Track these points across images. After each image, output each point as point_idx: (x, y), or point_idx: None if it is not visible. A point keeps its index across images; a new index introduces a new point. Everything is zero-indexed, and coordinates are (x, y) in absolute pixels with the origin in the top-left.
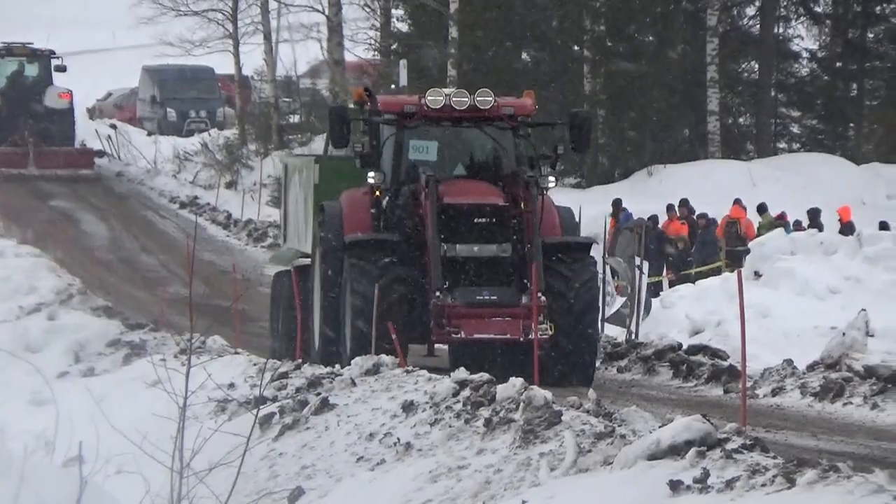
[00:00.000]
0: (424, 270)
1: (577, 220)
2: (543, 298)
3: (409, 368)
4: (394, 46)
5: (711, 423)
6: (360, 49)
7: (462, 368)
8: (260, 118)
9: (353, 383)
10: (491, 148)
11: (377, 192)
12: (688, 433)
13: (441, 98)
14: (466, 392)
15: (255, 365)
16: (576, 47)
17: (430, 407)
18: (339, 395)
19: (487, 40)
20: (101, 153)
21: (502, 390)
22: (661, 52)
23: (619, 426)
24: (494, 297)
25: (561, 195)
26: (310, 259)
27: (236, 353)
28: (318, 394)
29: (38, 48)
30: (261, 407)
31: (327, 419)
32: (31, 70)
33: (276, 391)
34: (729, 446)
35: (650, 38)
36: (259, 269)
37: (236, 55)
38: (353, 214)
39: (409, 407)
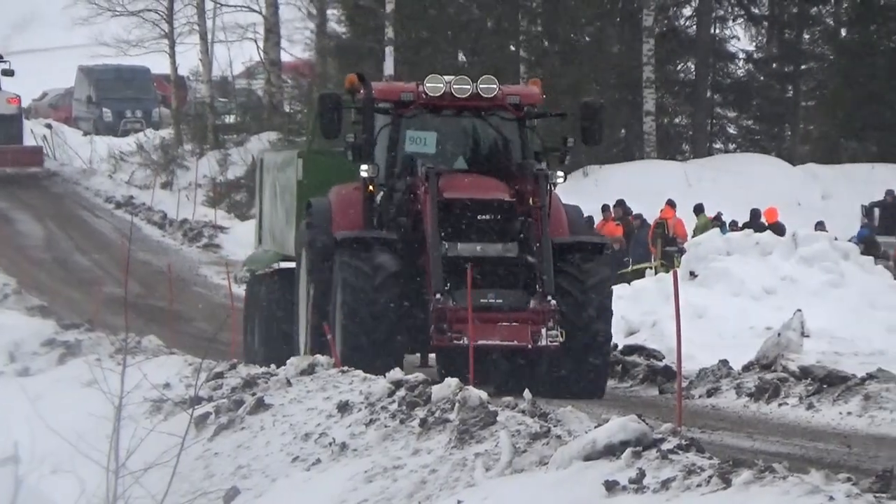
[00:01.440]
0: (422, 271)
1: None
2: (553, 302)
3: (344, 369)
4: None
5: (647, 424)
6: (296, 49)
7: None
8: (195, 118)
9: (289, 383)
10: (495, 139)
11: (370, 187)
12: (623, 434)
13: (441, 85)
14: (402, 392)
15: (190, 365)
16: (512, 48)
17: (366, 407)
18: (274, 395)
19: (423, 40)
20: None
21: (437, 390)
22: (597, 53)
23: (554, 427)
24: (500, 301)
25: None
26: (290, 261)
27: (171, 353)
28: (254, 394)
29: None
30: (196, 407)
31: (262, 419)
32: None
33: (212, 391)
34: (664, 447)
35: (586, 38)
36: (195, 270)
37: (172, 55)
38: (343, 211)
39: (344, 407)
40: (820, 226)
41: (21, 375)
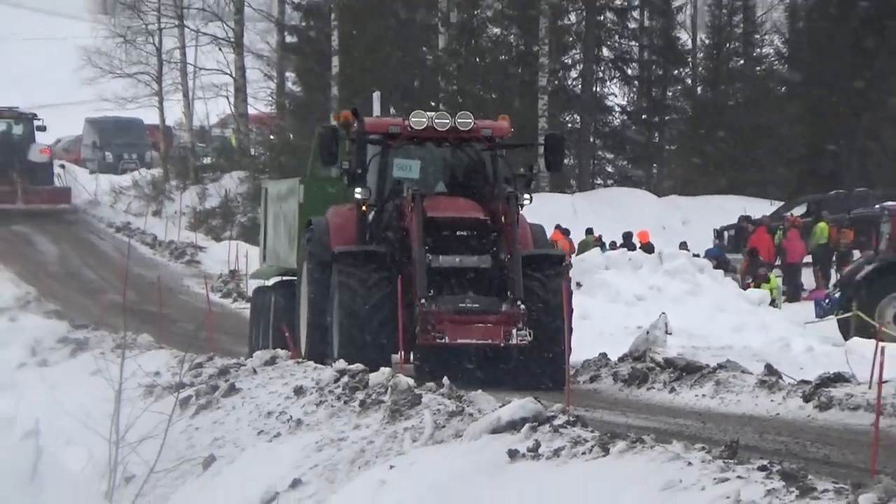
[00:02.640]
0: (408, 279)
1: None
2: (522, 306)
3: (299, 360)
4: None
5: (542, 404)
6: (260, 104)
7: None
8: (179, 160)
9: (255, 372)
10: (470, 166)
11: (363, 207)
12: (523, 412)
13: (424, 120)
14: (345, 379)
15: (175, 357)
16: (432, 103)
17: (316, 391)
18: (243, 381)
19: (367, 99)
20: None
21: (374, 377)
22: (501, 107)
23: (467, 406)
24: (476, 305)
25: None
26: (291, 274)
27: (161, 348)
28: (227, 380)
29: (24, 112)
30: (180, 391)
31: (234, 401)
32: (18, 129)
33: (193, 378)
34: (556, 422)
35: (493, 95)
36: (180, 281)
37: (160, 109)
38: (339, 228)
39: (299, 391)
40: (682, 245)
41: (40, 366)
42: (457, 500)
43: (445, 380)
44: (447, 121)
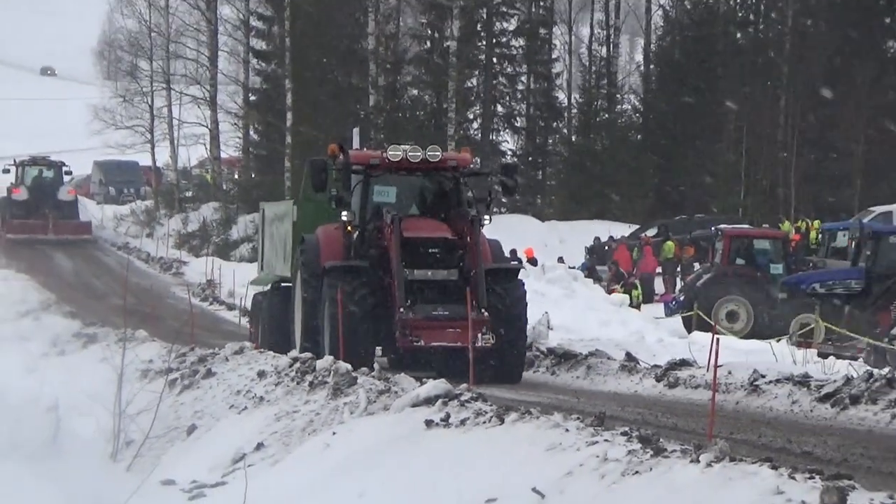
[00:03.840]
0: (388, 291)
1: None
2: (486, 314)
3: (262, 350)
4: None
5: (451, 384)
6: (230, 149)
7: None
8: (167, 193)
9: (227, 359)
10: (438, 192)
11: (348, 228)
12: (436, 390)
13: (399, 153)
14: (298, 364)
15: (165, 348)
16: (364, 149)
17: (275, 374)
18: (218, 366)
19: (313, 146)
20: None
21: (320, 363)
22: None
23: (393, 386)
24: (447, 313)
25: None
26: (285, 280)
27: (154, 340)
28: (205, 366)
29: (53, 159)
30: (169, 374)
31: (211, 382)
32: (48, 174)
33: (179, 364)
34: (462, 398)
35: (412, 142)
36: (168, 289)
37: (152, 154)
38: (328, 245)
39: (261, 374)
40: (560, 260)
41: (59, 355)
42: (385, 459)
43: (376, 365)
44: (419, 153)
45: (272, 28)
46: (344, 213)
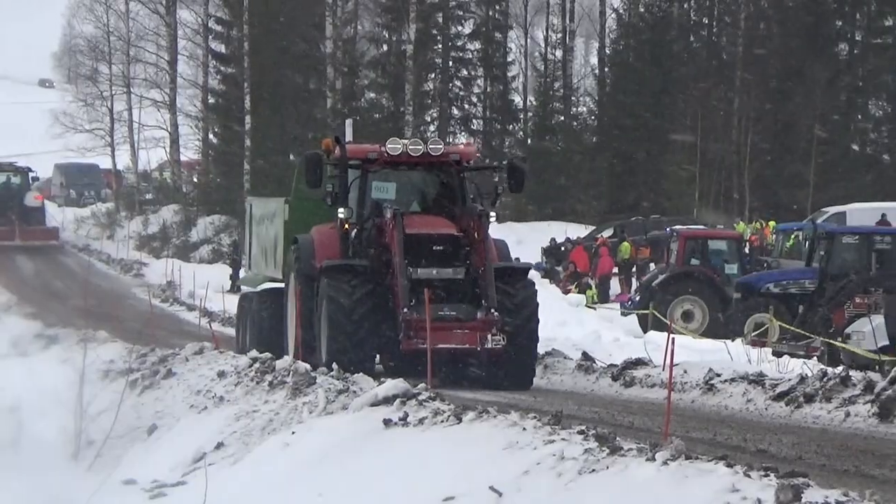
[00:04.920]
0: (389, 290)
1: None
2: (496, 313)
3: (222, 350)
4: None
5: (410, 384)
6: (190, 152)
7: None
8: (127, 196)
9: (187, 360)
10: (441, 187)
11: (346, 226)
12: (395, 389)
13: (399, 146)
14: (257, 364)
15: (126, 348)
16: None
17: (235, 374)
18: (179, 367)
19: (272, 149)
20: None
21: (280, 363)
22: None
23: (352, 386)
24: (454, 313)
25: None
26: (275, 281)
27: (115, 341)
28: (166, 366)
29: (20, 165)
30: (130, 375)
31: (171, 382)
32: (16, 180)
33: (140, 365)
34: (420, 397)
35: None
36: (128, 290)
37: (112, 157)
38: (323, 245)
39: (221, 374)
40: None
41: (20, 356)
42: (344, 459)
43: (335, 365)
44: (420, 147)
45: (231, 32)
46: (340, 210)
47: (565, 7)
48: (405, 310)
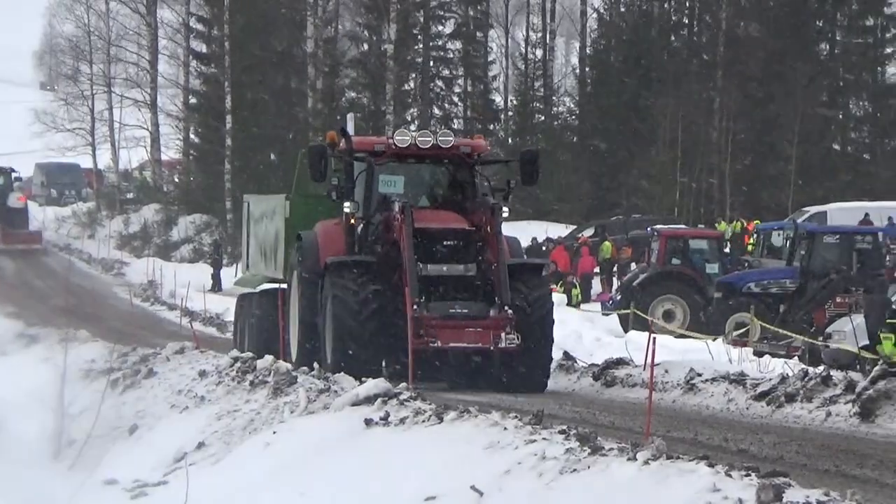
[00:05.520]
0: (397, 289)
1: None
2: (510, 311)
3: (203, 350)
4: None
5: (390, 383)
6: (171, 152)
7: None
8: (108, 195)
9: (168, 359)
10: (451, 181)
11: (352, 221)
12: (376, 389)
13: (408, 138)
14: (238, 364)
15: (107, 348)
16: (302, 150)
17: (216, 374)
18: (160, 366)
19: (253, 148)
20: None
21: (260, 363)
22: None
23: (333, 385)
24: (466, 311)
25: None
26: (275, 282)
27: (96, 340)
28: (147, 366)
29: (3, 165)
30: (111, 374)
31: (152, 382)
32: None
33: (121, 364)
34: (402, 397)
35: None
36: (109, 289)
37: (93, 156)
38: (328, 241)
39: (203, 374)
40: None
41: (1, 356)
42: (325, 458)
43: (315, 364)
44: (429, 139)
45: (212, 31)
46: (346, 204)
47: (545, 7)
48: (415, 307)
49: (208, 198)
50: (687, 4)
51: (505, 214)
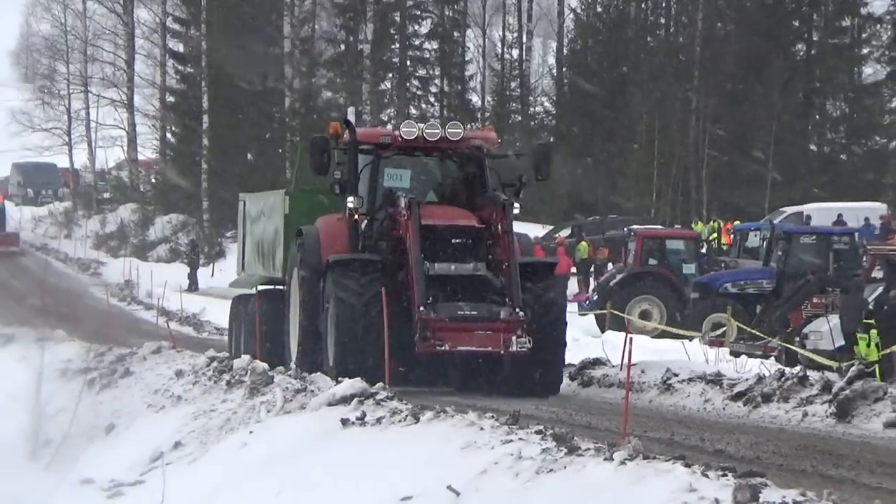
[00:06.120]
0: (403, 288)
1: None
2: (522, 313)
3: (179, 349)
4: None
5: (366, 383)
6: (147, 152)
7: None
8: (85, 195)
9: (145, 359)
10: (460, 175)
11: (355, 216)
12: (352, 389)
13: (415, 130)
14: (215, 364)
15: (84, 348)
16: (280, 150)
17: (193, 373)
18: (136, 366)
19: (229, 147)
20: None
21: (237, 363)
22: None
23: (310, 385)
24: (475, 312)
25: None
26: (273, 283)
27: (72, 340)
28: (124, 365)
29: None
30: (88, 374)
31: (129, 381)
32: None
33: (97, 364)
34: (378, 397)
35: None
36: (85, 289)
37: (70, 156)
38: (330, 237)
39: (179, 373)
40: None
41: None
42: (301, 458)
43: (292, 364)
44: (437, 131)
45: (189, 31)
46: (350, 198)
47: (521, 7)
48: (421, 308)
49: (185, 197)
50: (663, 5)
51: (516, 211)
